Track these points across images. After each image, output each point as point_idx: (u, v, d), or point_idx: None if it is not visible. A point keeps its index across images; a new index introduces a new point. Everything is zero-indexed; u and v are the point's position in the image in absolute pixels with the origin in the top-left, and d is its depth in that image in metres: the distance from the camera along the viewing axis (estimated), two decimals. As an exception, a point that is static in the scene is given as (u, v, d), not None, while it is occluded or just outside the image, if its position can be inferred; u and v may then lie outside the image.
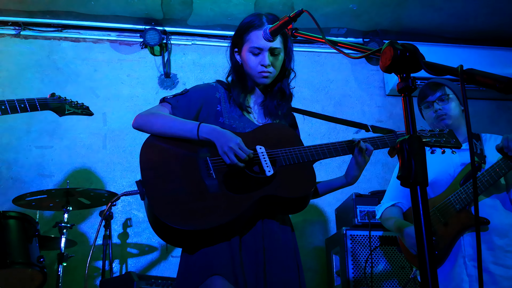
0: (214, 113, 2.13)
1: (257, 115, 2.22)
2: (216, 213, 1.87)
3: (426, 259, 1.11)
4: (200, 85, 2.24)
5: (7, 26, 4.60)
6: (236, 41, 2.19)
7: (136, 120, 2.09)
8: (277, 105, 2.21)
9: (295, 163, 2.02)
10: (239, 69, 2.20)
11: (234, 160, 1.90)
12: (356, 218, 3.67)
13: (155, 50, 4.71)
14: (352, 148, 2.09)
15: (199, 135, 1.96)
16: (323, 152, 2.07)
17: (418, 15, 4.69)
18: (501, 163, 2.45)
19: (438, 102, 2.71)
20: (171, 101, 2.12)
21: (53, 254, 3.47)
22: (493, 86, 1.17)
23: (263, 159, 1.96)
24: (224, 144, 1.91)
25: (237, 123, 2.12)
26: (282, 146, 2.04)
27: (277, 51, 2.12)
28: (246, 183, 1.94)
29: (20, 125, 4.33)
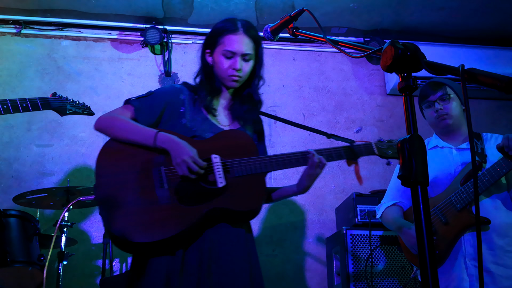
0: (177, 114, 2.15)
1: (223, 118, 2.24)
2: (165, 225, 1.90)
3: (427, 258, 1.11)
4: (165, 87, 2.29)
5: (8, 24, 4.60)
6: (210, 42, 2.22)
7: (98, 123, 2.12)
8: (247, 110, 2.24)
9: (248, 174, 2.03)
10: (209, 70, 2.23)
11: (186, 173, 1.94)
12: (357, 217, 3.67)
13: (156, 49, 4.71)
14: (306, 159, 2.12)
15: (156, 143, 1.99)
16: (277, 164, 2.09)
17: (419, 14, 4.68)
18: (502, 163, 2.45)
19: (439, 102, 2.70)
20: (134, 104, 2.14)
21: (53, 252, 3.47)
22: (494, 85, 1.17)
23: (216, 169, 1.99)
24: (178, 156, 1.94)
25: (198, 126, 2.13)
26: (239, 155, 2.05)
27: (248, 57, 2.16)
28: (198, 194, 1.97)
29: (21, 124, 4.33)
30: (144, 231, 1.88)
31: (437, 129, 2.82)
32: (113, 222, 1.88)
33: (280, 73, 4.88)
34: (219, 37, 2.16)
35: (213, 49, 2.19)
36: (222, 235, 2.00)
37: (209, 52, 2.22)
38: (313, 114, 4.78)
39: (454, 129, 2.73)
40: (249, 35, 2.16)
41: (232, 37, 2.13)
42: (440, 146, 2.78)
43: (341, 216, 4.12)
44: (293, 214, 4.41)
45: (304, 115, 4.75)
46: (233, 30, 2.14)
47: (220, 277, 1.92)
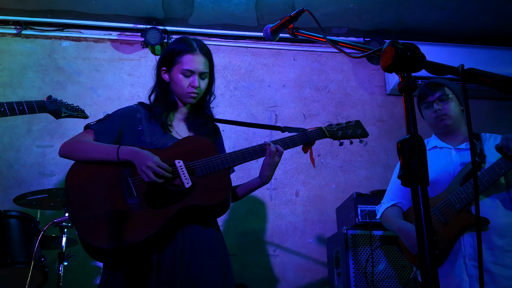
0: (136, 133, 2.24)
1: (181, 130, 2.34)
2: (139, 229, 1.97)
3: (427, 259, 1.11)
4: (121, 109, 2.38)
5: (8, 25, 4.61)
6: (166, 61, 2.33)
7: (61, 149, 2.22)
8: (201, 123, 2.36)
9: (211, 172, 2.14)
10: (165, 87, 2.35)
11: (152, 178, 2.03)
12: (357, 217, 3.67)
13: (156, 50, 4.71)
14: (263, 150, 2.26)
15: (119, 157, 2.09)
16: (237, 158, 2.21)
17: (419, 15, 4.68)
18: (501, 163, 2.45)
19: (438, 102, 2.70)
20: (94, 127, 2.26)
21: (54, 253, 3.47)
22: (494, 85, 1.17)
23: (181, 172, 2.10)
24: (142, 163, 2.04)
25: (159, 140, 2.23)
26: (200, 157, 2.16)
27: (204, 75, 2.31)
28: (167, 197, 2.06)
29: (21, 125, 4.34)
30: (122, 236, 1.95)
31: (436, 130, 2.82)
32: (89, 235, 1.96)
33: (280, 73, 4.88)
34: (176, 57, 2.28)
35: (171, 68, 2.31)
36: (194, 234, 2.09)
37: (165, 70, 2.34)
38: (314, 114, 4.78)
39: (453, 130, 2.74)
40: (204, 55, 2.30)
41: (190, 57, 2.26)
42: (439, 147, 2.78)
43: (341, 216, 4.12)
44: (294, 214, 4.40)
45: (304, 115, 4.75)
46: (191, 50, 2.27)
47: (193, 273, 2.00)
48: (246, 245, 4.24)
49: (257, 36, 4.88)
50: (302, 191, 4.49)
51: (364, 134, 2.44)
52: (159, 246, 2.03)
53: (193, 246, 2.07)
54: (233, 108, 4.69)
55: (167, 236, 2.04)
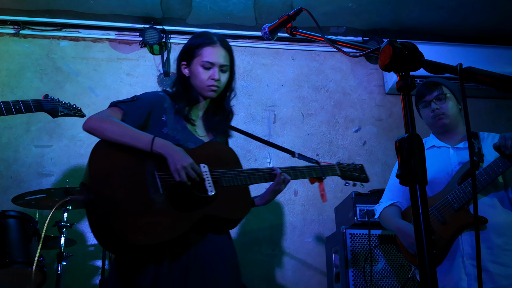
0: (159, 122, 2.18)
1: (200, 128, 2.31)
2: (161, 229, 1.92)
3: (425, 258, 1.11)
4: (150, 93, 2.30)
5: (6, 25, 4.60)
6: (186, 55, 2.29)
7: (88, 123, 2.09)
8: (218, 121, 2.34)
9: (234, 185, 2.13)
10: (186, 81, 2.29)
11: (184, 179, 1.97)
12: (356, 217, 3.67)
13: (155, 49, 4.71)
14: (273, 176, 2.29)
15: (153, 149, 1.99)
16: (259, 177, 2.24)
17: (417, 14, 4.69)
18: (499, 162, 2.45)
19: (436, 102, 2.71)
20: (123, 107, 2.16)
21: (52, 253, 3.47)
22: (493, 84, 1.17)
23: (206, 178, 2.05)
24: (178, 162, 1.97)
25: (180, 135, 2.18)
26: (224, 166, 2.15)
27: (225, 68, 2.26)
28: (190, 201, 2.01)
29: (20, 125, 4.33)
30: (141, 234, 1.88)
31: (434, 129, 2.82)
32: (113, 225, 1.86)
33: (279, 72, 4.88)
34: (196, 50, 2.24)
35: (190, 61, 2.27)
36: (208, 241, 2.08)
37: (186, 64, 2.30)
38: (312, 114, 4.78)
39: (451, 129, 2.74)
40: (225, 48, 2.27)
41: (210, 49, 2.23)
42: (437, 146, 2.78)
43: (340, 215, 4.12)
44: (293, 214, 4.41)
45: (303, 115, 4.75)
46: (211, 43, 2.24)
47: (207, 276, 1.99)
48: (245, 245, 4.24)
49: (256, 36, 4.88)
50: (301, 191, 4.49)
51: (366, 180, 2.61)
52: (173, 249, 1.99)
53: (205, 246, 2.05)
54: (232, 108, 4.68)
55: (184, 239, 2.01)
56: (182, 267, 1.98)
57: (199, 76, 2.22)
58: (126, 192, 1.93)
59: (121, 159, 2.00)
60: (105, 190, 1.93)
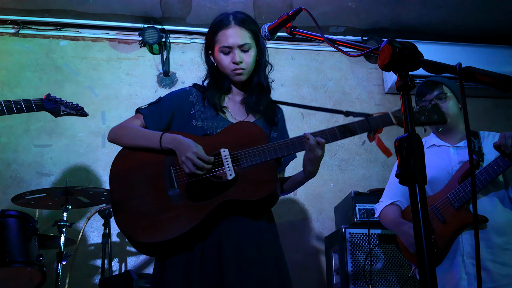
0: (187, 116, 2.17)
1: (236, 113, 2.22)
2: (177, 223, 1.91)
3: (425, 257, 1.11)
4: (173, 92, 2.30)
5: (6, 25, 4.60)
6: (208, 43, 2.25)
7: (110, 134, 2.18)
8: (256, 100, 2.21)
9: (257, 163, 2.00)
10: (215, 70, 2.24)
11: (192, 169, 1.93)
12: (355, 216, 3.67)
13: (154, 49, 4.71)
14: (302, 144, 2.07)
15: (162, 145, 2.01)
16: (286, 147, 2.03)
17: (417, 13, 4.69)
18: (499, 161, 2.45)
19: (436, 101, 2.71)
20: (143, 112, 2.18)
21: (52, 252, 3.47)
22: (492, 84, 1.17)
23: (226, 162, 1.99)
24: (182, 154, 1.95)
25: (210, 124, 2.13)
26: (247, 146, 2.02)
27: (246, 46, 2.14)
28: (209, 189, 1.97)
29: (19, 124, 4.33)
30: (161, 230, 1.91)
31: (434, 128, 2.82)
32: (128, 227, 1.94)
33: (278, 72, 4.87)
34: (214, 36, 2.17)
35: (213, 49, 2.20)
36: (241, 227, 1.98)
37: (211, 53, 2.24)
38: (312, 113, 4.78)
39: (451, 128, 2.74)
40: (242, 26, 2.15)
41: (225, 32, 2.14)
42: (437, 145, 2.78)
43: (340, 214, 4.12)
44: (292, 213, 4.41)
45: (302, 114, 4.75)
46: (226, 25, 2.15)
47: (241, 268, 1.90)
48: (244, 244, 4.24)
49: (255, 35, 4.87)
50: (300, 190, 4.49)
51: (442, 119, 2.04)
52: (201, 238, 1.94)
53: (240, 239, 1.96)
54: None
55: (207, 230, 1.95)
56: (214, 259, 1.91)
57: (222, 62, 2.15)
58: (141, 192, 1.99)
59: (140, 161, 2.05)
60: (120, 194, 2.00)
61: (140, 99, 4.53)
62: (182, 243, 1.93)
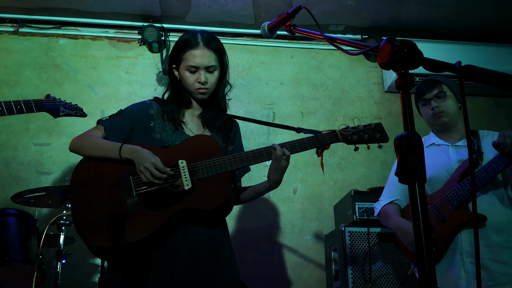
0: (147, 129, 2.24)
1: (193, 127, 2.31)
2: (134, 230, 1.98)
3: (424, 256, 1.11)
4: (134, 104, 2.36)
5: (5, 23, 4.59)
6: (174, 58, 2.31)
7: (71, 144, 2.23)
8: (212, 117, 2.32)
9: (213, 174, 2.09)
10: (177, 84, 2.32)
11: (150, 179, 2.01)
12: (355, 214, 3.67)
13: (154, 47, 4.70)
14: (269, 154, 2.17)
15: (121, 155, 2.08)
16: (241, 160, 2.14)
17: (416, 12, 4.68)
18: (498, 160, 2.46)
19: (435, 100, 2.71)
20: (104, 124, 2.25)
21: (52, 251, 3.47)
22: (492, 82, 1.17)
23: (183, 173, 2.07)
24: (140, 164, 2.03)
25: (169, 137, 2.22)
26: (205, 158, 2.12)
27: (212, 68, 2.24)
28: (166, 198, 2.05)
29: (19, 123, 4.33)
30: (114, 237, 1.98)
31: (434, 127, 2.82)
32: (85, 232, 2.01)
33: (278, 70, 4.87)
34: (182, 54, 2.26)
35: (178, 65, 2.28)
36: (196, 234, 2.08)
37: (175, 67, 2.31)
38: (311, 112, 4.78)
39: (450, 127, 2.74)
40: (209, 48, 2.24)
41: (193, 53, 2.22)
42: (437, 144, 2.78)
43: (339, 213, 4.13)
44: (291, 212, 4.41)
45: (302, 113, 4.75)
46: (194, 45, 2.23)
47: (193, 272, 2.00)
48: (244, 243, 4.24)
49: (255, 34, 4.87)
50: (300, 189, 4.49)
51: (384, 138, 2.21)
52: (157, 246, 2.03)
53: (195, 244, 2.06)
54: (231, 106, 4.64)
55: (164, 237, 2.04)
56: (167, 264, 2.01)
57: (187, 80, 2.24)
58: (100, 200, 2.06)
59: (100, 171, 2.12)
60: (78, 199, 2.07)
61: (139, 97, 4.52)
62: (138, 249, 2.00)
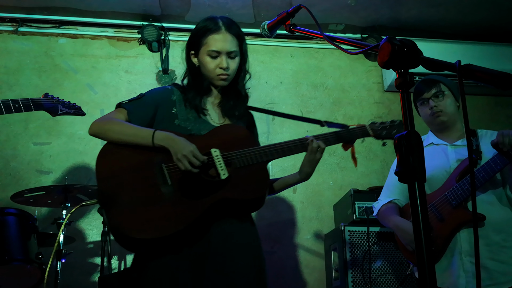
0: (169, 115, 2.16)
1: (215, 116, 2.25)
2: (172, 220, 1.91)
3: (424, 255, 1.11)
4: (156, 89, 2.30)
5: (5, 22, 4.58)
6: (193, 43, 2.24)
7: (92, 128, 2.12)
8: (233, 105, 2.26)
9: (249, 164, 2.04)
10: (196, 71, 2.26)
11: (188, 167, 1.93)
12: (355, 214, 3.68)
13: (153, 46, 4.70)
14: (304, 146, 2.14)
15: (154, 142, 1.99)
16: (276, 152, 2.10)
17: (416, 11, 4.68)
18: (497, 159, 2.46)
19: (434, 99, 2.71)
20: (127, 107, 2.16)
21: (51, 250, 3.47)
22: (491, 81, 1.17)
23: (218, 162, 2.01)
24: (178, 151, 1.94)
25: (193, 125, 2.15)
26: (237, 148, 2.06)
27: (233, 54, 2.19)
28: (202, 187, 1.98)
29: (18, 122, 4.33)
30: (154, 226, 1.90)
31: (432, 126, 2.82)
32: (120, 223, 1.90)
33: (277, 70, 4.87)
34: (202, 38, 2.19)
35: (198, 50, 2.22)
36: (230, 229, 2.02)
37: (194, 53, 2.26)
38: (311, 111, 4.78)
39: (449, 126, 2.74)
40: (231, 33, 2.18)
41: (215, 37, 2.16)
42: (435, 143, 2.78)
43: (339, 212, 4.13)
44: (291, 211, 4.41)
45: (302, 112, 4.75)
46: (216, 30, 2.17)
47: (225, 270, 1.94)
48: (243, 242, 4.24)
49: (254, 33, 4.86)
50: (300, 188, 4.49)
51: None
52: (193, 238, 1.96)
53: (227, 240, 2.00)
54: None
55: (201, 228, 1.97)
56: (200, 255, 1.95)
57: (207, 65, 2.18)
58: (132, 189, 1.96)
59: (128, 158, 2.02)
60: (110, 190, 1.96)
61: (139, 97, 4.52)
62: (174, 240, 1.93)
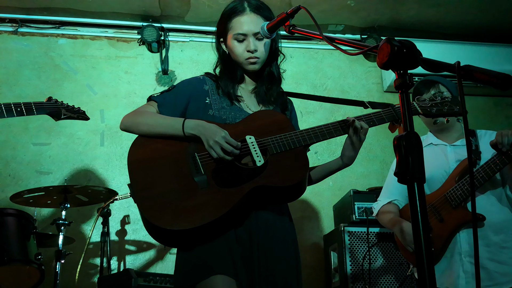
0: (203, 106, 2.09)
1: (250, 103, 2.16)
2: (207, 209, 1.84)
3: (423, 256, 1.11)
4: (187, 80, 2.21)
5: (5, 23, 4.58)
6: (220, 30, 2.16)
7: (123, 122, 2.07)
8: (266, 90, 2.16)
9: (286, 150, 1.95)
10: (226, 58, 2.17)
11: (221, 154, 1.87)
12: (354, 214, 3.68)
13: (153, 47, 4.70)
14: (346, 127, 2.02)
15: (185, 131, 1.94)
16: (315, 135, 2.00)
17: (415, 12, 4.69)
18: (496, 159, 2.46)
19: (432, 99, 2.70)
20: (157, 99, 2.10)
21: (51, 251, 3.47)
22: (490, 82, 1.17)
23: (253, 149, 1.93)
24: (210, 138, 1.89)
25: (228, 114, 2.07)
26: (274, 133, 1.97)
27: (260, 35, 2.03)
28: (237, 175, 1.91)
29: (18, 122, 4.32)
30: (190, 216, 1.84)
31: (431, 127, 2.82)
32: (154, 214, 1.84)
33: (277, 70, 4.87)
34: (228, 23, 2.10)
35: (226, 36, 2.13)
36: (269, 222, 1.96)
37: (223, 41, 2.16)
38: (311, 112, 4.78)
39: (448, 127, 2.74)
40: (257, 13, 2.10)
41: (240, 19, 2.07)
42: (435, 144, 2.78)
43: (338, 213, 4.13)
44: (291, 211, 4.39)
45: (301, 113, 4.75)
46: (240, 12, 2.08)
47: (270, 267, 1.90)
48: (243, 243, 4.24)
49: (254, 33, 4.87)
50: (299, 188, 4.48)
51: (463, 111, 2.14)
52: (234, 224, 1.89)
53: (268, 235, 1.93)
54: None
55: (238, 218, 1.90)
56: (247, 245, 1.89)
57: (235, 50, 2.08)
58: (164, 179, 1.91)
59: (160, 148, 1.98)
60: (143, 183, 1.91)
61: (139, 97, 4.52)
62: (213, 230, 1.86)
